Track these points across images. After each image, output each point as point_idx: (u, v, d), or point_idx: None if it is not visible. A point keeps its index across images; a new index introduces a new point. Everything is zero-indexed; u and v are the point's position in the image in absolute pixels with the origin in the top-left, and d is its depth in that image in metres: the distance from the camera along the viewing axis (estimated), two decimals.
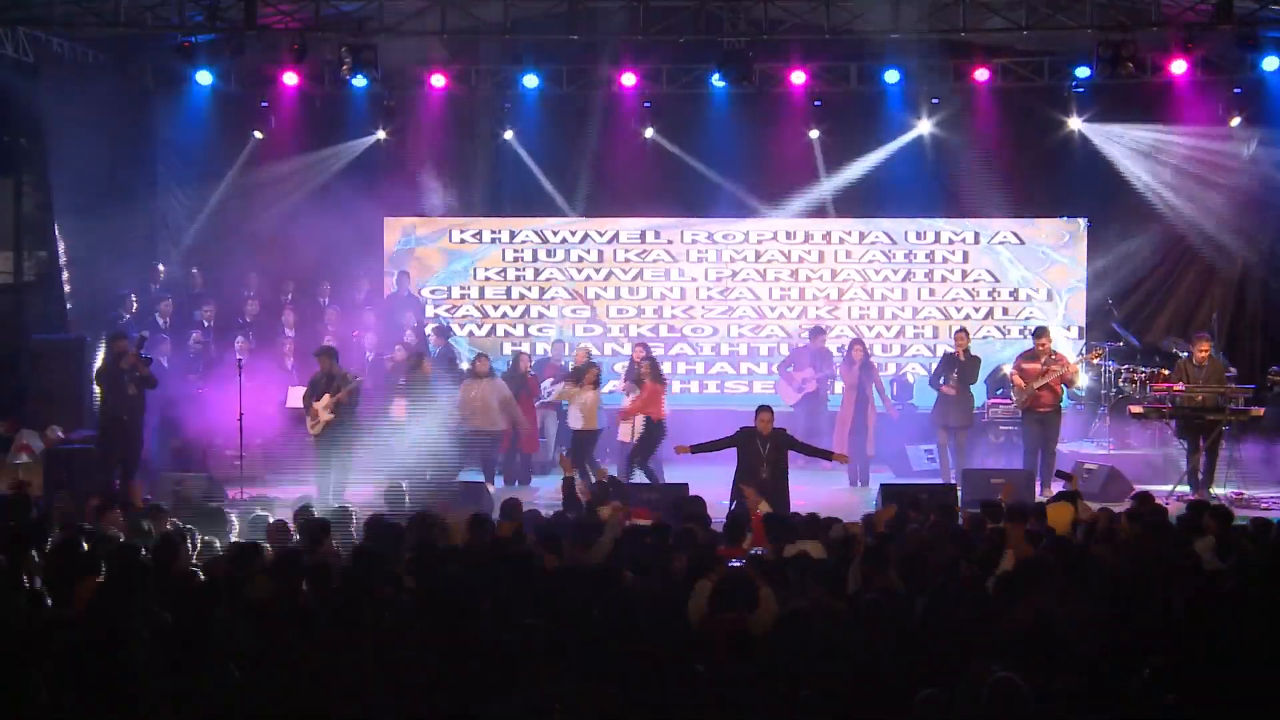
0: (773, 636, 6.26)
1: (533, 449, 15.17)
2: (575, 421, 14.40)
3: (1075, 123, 17.18)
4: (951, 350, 14.88)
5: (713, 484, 11.85)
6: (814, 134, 17.51)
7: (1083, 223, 17.44)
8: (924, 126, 17.46)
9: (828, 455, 12.76)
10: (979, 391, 16.41)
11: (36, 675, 5.54)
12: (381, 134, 17.51)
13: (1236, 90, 16.33)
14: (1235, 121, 16.34)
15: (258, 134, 17.20)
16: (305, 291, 16.77)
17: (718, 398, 17.45)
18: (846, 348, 15.51)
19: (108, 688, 5.58)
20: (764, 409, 12.28)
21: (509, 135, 17.67)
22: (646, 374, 14.21)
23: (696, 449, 12.37)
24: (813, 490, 13.13)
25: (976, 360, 14.81)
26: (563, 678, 5.70)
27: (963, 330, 15.16)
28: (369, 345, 15.75)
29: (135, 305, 15.34)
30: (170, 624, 6.35)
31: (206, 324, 15.82)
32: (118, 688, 5.59)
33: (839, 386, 15.31)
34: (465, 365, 15.45)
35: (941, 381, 14.52)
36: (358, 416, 13.56)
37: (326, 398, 13.15)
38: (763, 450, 12.01)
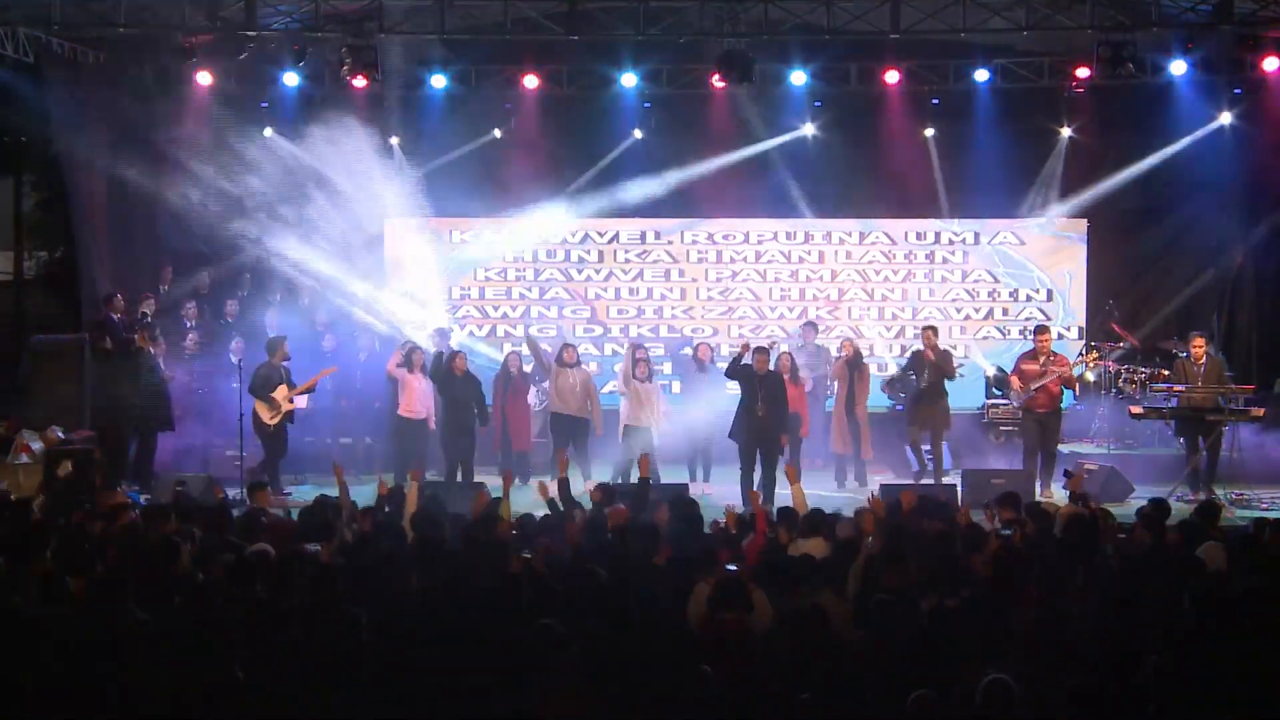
0: (772, 637, 6.24)
1: (525, 447, 15.10)
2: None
3: (1075, 123, 17.18)
4: (920, 349, 14.43)
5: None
6: (813, 133, 17.52)
7: (1083, 223, 17.44)
8: (924, 126, 17.48)
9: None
10: (978, 391, 16.41)
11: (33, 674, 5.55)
12: (383, 134, 17.51)
13: (1236, 90, 16.33)
14: (1233, 121, 16.37)
15: (268, 132, 17.13)
16: (293, 291, 16.68)
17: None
18: (839, 347, 15.41)
19: (105, 687, 5.58)
20: (758, 349, 13.49)
21: (508, 135, 17.64)
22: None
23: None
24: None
25: (948, 355, 14.48)
26: (563, 678, 5.69)
27: (931, 328, 14.62)
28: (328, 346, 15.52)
29: (122, 304, 15.32)
30: (151, 625, 6.35)
31: (189, 324, 15.73)
32: (115, 687, 5.59)
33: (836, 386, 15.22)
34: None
35: (917, 383, 14.28)
36: None
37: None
38: (758, 388, 13.14)
